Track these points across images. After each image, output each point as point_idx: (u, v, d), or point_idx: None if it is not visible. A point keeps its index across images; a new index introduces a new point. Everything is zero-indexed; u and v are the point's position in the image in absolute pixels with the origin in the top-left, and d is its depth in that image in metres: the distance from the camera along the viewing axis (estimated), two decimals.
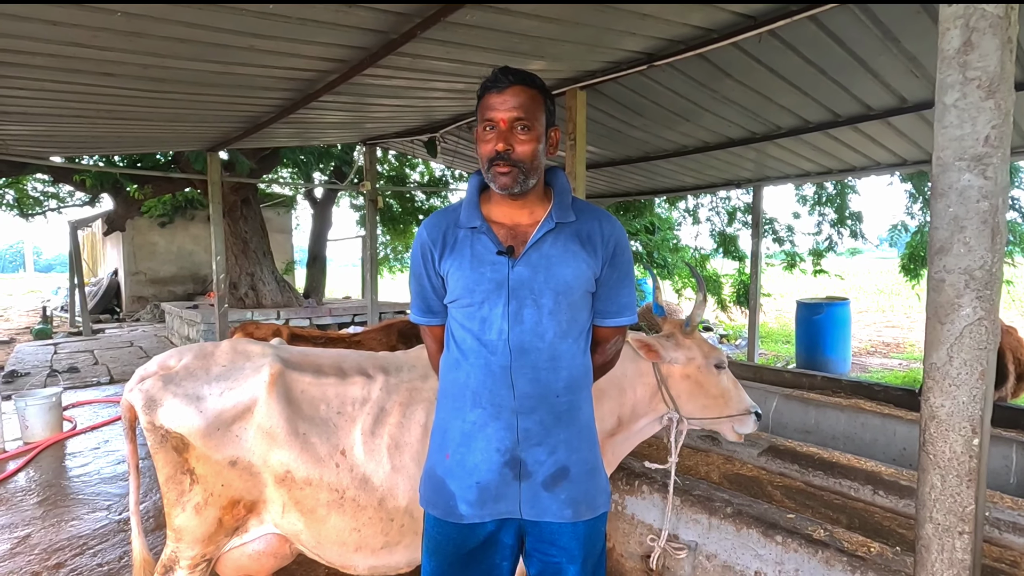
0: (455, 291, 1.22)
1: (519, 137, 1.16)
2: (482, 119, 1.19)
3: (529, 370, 1.19)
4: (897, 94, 3.89)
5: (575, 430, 1.23)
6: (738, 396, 1.92)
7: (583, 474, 1.23)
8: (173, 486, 1.48)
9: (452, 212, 1.28)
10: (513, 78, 1.17)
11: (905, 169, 5.68)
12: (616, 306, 1.30)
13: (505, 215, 1.24)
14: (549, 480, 1.20)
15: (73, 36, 2.37)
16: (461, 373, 1.22)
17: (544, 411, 1.20)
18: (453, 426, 1.23)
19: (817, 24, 3.07)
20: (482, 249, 1.21)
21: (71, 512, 3.08)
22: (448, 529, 1.22)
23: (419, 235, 1.29)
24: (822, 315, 7.11)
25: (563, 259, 1.20)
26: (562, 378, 1.21)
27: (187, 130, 4.63)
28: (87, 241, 16.76)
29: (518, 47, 2.99)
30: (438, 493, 1.23)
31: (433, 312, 1.32)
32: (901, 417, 3.31)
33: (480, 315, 1.19)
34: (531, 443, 1.19)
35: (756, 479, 2.56)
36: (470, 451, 1.20)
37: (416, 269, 1.30)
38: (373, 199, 6.48)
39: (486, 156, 1.18)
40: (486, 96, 1.18)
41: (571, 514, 1.20)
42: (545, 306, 1.19)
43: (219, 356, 1.60)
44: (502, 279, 1.18)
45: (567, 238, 1.22)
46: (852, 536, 1.75)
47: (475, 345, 1.20)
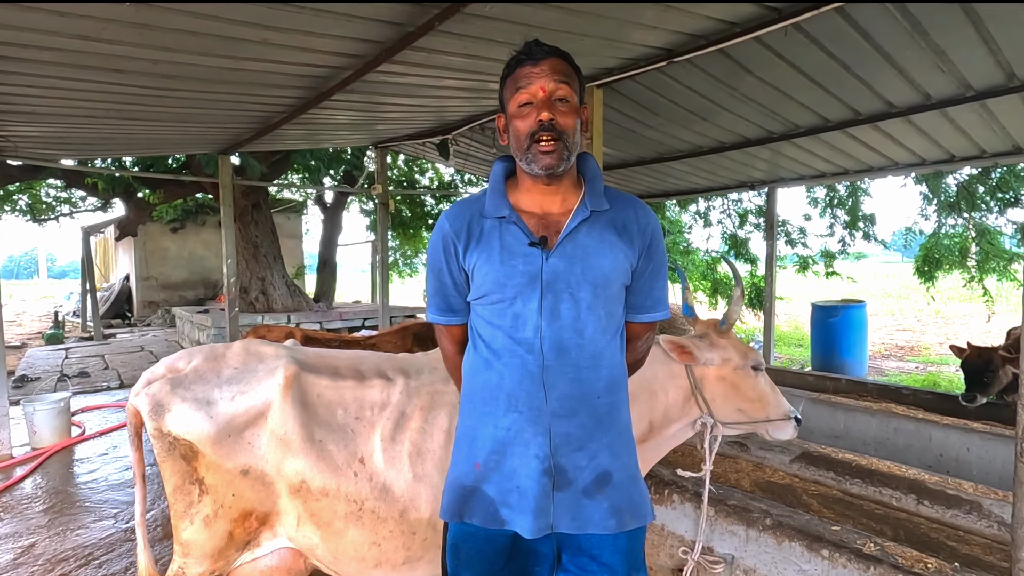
0: (483, 286, 1.13)
1: (560, 108, 1.08)
2: (515, 94, 1.10)
3: (570, 369, 1.09)
4: (922, 90, 3.78)
5: (616, 433, 1.14)
6: (776, 400, 1.81)
7: (626, 480, 1.14)
8: (181, 497, 1.39)
9: (476, 201, 1.19)
10: (548, 48, 1.09)
11: (923, 169, 5.55)
12: (650, 300, 1.21)
13: (535, 203, 1.15)
14: (591, 487, 1.10)
15: (81, 28, 2.31)
16: (493, 374, 1.12)
17: (585, 413, 1.10)
18: (483, 433, 1.13)
19: (844, 16, 2.97)
20: (512, 240, 1.12)
21: (77, 520, 3.01)
22: (478, 540, 1.12)
23: (440, 227, 1.19)
24: (838, 318, 6.97)
25: (600, 250, 1.12)
26: (603, 377, 1.12)
27: (198, 131, 4.60)
28: (99, 247, 16.89)
29: None
30: (473, 501, 1.13)
31: (454, 310, 1.22)
32: (936, 422, 3.17)
33: (512, 311, 1.10)
34: (571, 448, 1.10)
35: (789, 487, 2.44)
36: (506, 458, 1.11)
37: (436, 264, 1.20)
38: (385, 202, 6.43)
39: (526, 132, 1.09)
40: (520, 68, 1.10)
41: (615, 524, 1.10)
42: (583, 300, 1.10)
43: (230, 358, 1.51)
44: (536, 272, 1.09)
45: (603, 227, 1.14)
46: (905, 550, 1.62)
47: (508, 344, 1.10)
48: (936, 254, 7.01)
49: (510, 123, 1.12)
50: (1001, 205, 6.76)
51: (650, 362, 1.79)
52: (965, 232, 7.01)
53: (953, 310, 13.57)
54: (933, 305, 12.28)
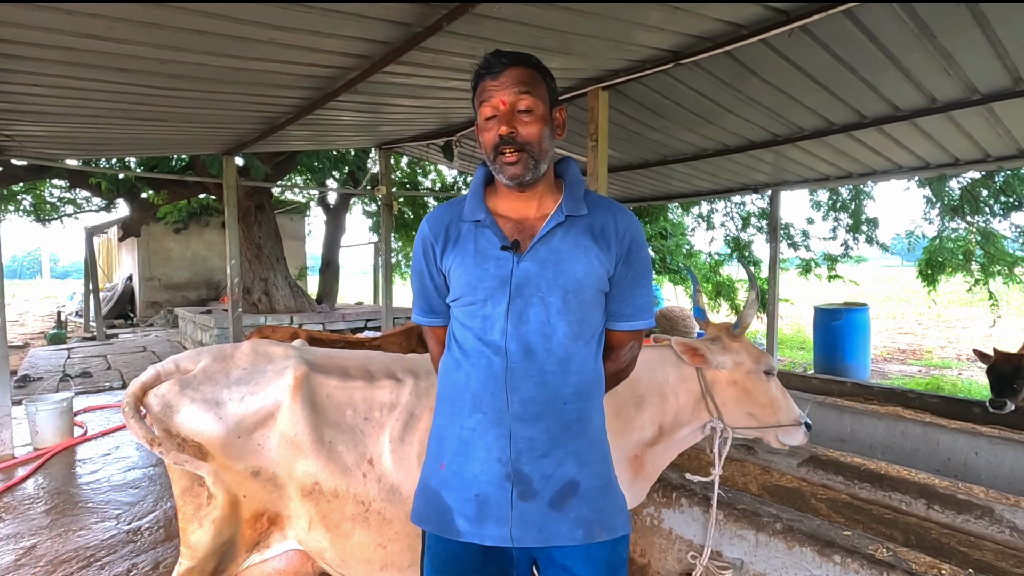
0: (457, 288, 1.14)
1: (522, 119, 1.08)
2: (481, 106, 1.12)
3: (535, 373, 1.08)
4: (927, 94, 3.77)
5: (585, 442, 1.12)
6: (787, 405, 1.80)
7: (595, 490, 1.11)
8: (189, 499, 1.37)
9: (456, 206, 1.20)
10: (507, 59, 1.09)
11: (927, 173, 5.54)
12: (632, 308, 1.19)
13: (512, 208, 1.16)
14: (557, 497, 1.08)
15: (89, 27, 2.31)
16: (461, 375, 1.13)
17: (551, 419, 1.09)
18: (450, 433, 1.13)
19: (851, 19, 2.96)
20: (486, 244, 1.12)
21: (79, 521, 2.99)
22: (450, 545, 1.11)
23: (421, 230, 1.21)
24: (841, 321, 6.96)
25: (573, 254, 1.11)
26: (571, 383, 1.10)
27: (204, 132, 4.60)
28: (103, 247, 16.92)
29: (544, 42, 2.90)
30: (431, 507, 1.13)
31: (435, 312, 1.24)
32: (944, 426, 3.15)
33: (482, 313, 1.11)
34: (536, 454, 1.08)
35: (797, 491, 2.42)
36: (468, 460, 1.09)
37: (417, 266, 1.22)
38: (388, 203, 6.43)
39: (490, 144, 1.10)
40: (481, 83, 1.11)
41: (583, 535, 1.08)
42: (553, 305, 1.09)
43: (239, 358, 1.50)
44: (506, 275, 1.10)
45: (578, 232, 1.13)
46: (918, 556, 1.60)
47: (477, 345, 1.11)
48: (939, 258, 6.99)
49: (479, 134, 1.14)
50: (1005, 209, 6.74)
51: (661, 365, 1.78)
52: (968, 236, 7.00)
53: (954, 313, 13.55)
54: (934, 309, 12.27)
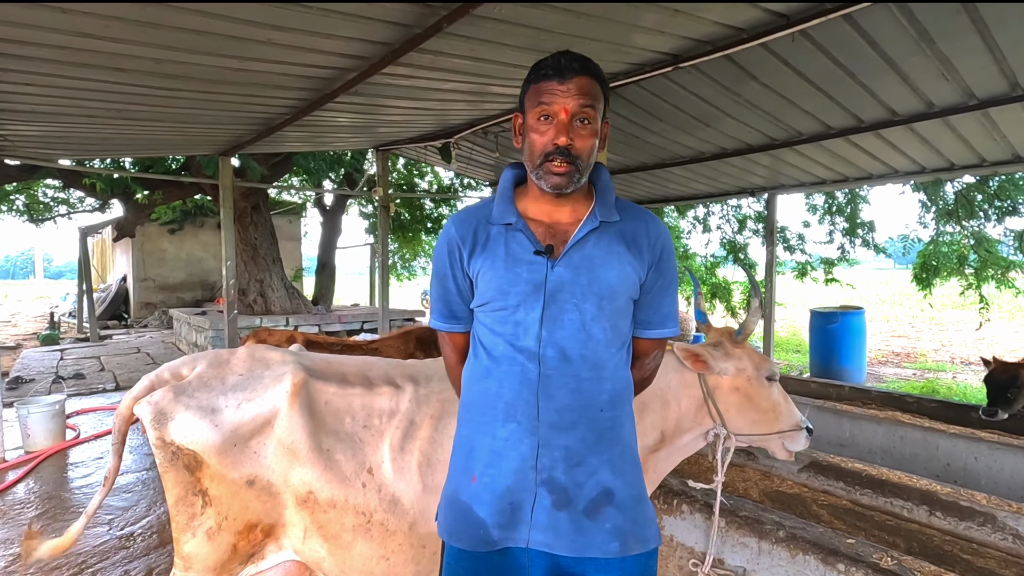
0: (486, 293, 1.10)
1: (579, 131, 1.05)
2: (536, 106, 1.06)
3: (571, 380, 1.06)
4: (925, 98, 3.78)
5: (618, 450, 1.10)
6: (789, 411, 1.78)
7: (629, 500, 1.09)
8: (183, 508, 1.34)
9: (483, 208, 1.16)
10: (578, 65, 1.05)
11: (923, 177, 5.57)
12: (659, 316, 1.18)
13: (544, 212, 1.13)
14: (590, 506, 1.05)
15: (83, 25, 2.28)
16: (492, 383, 1.09)
17: (586, 427, 1.07)
18: (481, 443, 1.10)
19: (851, 23, 2.96)
20: (518, 248, 1.09)
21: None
22: (472, 561, 1.07)
23: (446, 232, 1.17)
24: (837, 324, 6.98)
25: (607, 261, 1.09)
26: (606, 391, 1.08)
27: (200, 132, 4.56)
28: (97, 247, 16.80)
29: (544, 44, 2.88)
30: (463, 522, 1.09)
31: (456, 317, 1.19)
32: (943, 431, 3.15)
33: (514, 319, 1.08)
34: (571, 463, 1.06)
35: (799, 497, 2.41)
36: (501, 472, 1.07)
37: (440, 269, 1.17)
38: (386, 205, 6.40)
39: (540, 149, 1.06)
40: (545, 82, 1.05)
41: (618, 547, 1.05)
42: (588, 311, 1.07)
43: (235, 364, 1.47)
44: (540, 281, 1.07)
45: (611, 239, 1.11)
46: (923, 565, 1.59)
47: (509, 352, 1.08)
48: (934, 262, 7.02)
49: (527, 132, 1.09)
50: (999, 213, 6.78)
51: (663, 371, 1.76)
52: (962, 240, 7.03)
53: (947, 317, 13.64)
54: (928, 312, 12.34)
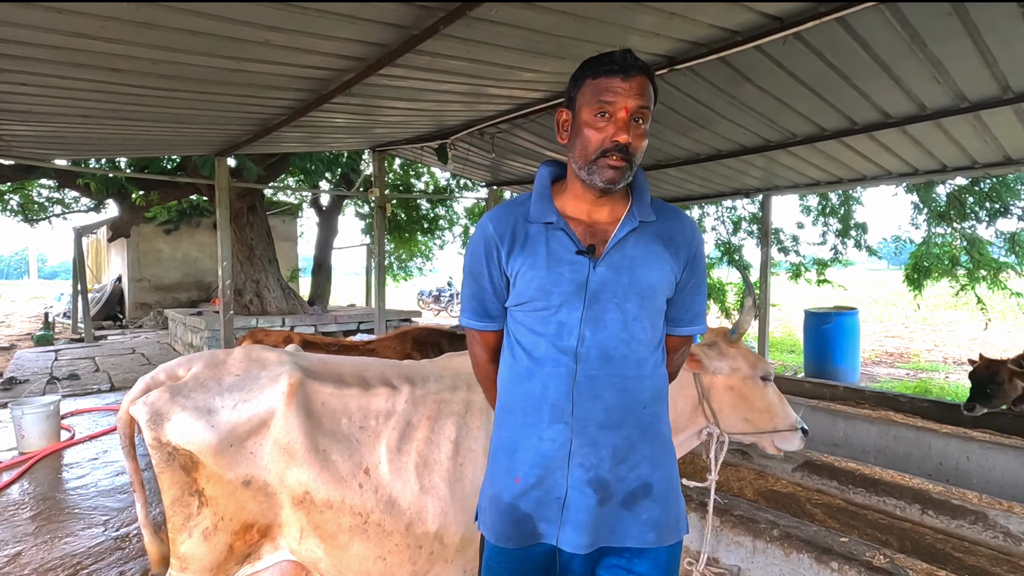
0: (526, 292, 1.10)
1: (635, 130, 1.06)
2: (596, 102, 1.05)
3: (617, 379, 1.08)
4: (917, 101, 3.81)
5: (658, 445, 1.13)
6: (783, 411, 1.80)
7: (666, 492, 1.12)
8: (179, 509, 1.34)
9: (520, 205, 1.16)
10: (640, 65, 1.06)
11: (915, 179, 5.62)
12: (690, 314, 1.20)
13: (583, 211, 1.13)
14: (629, 498, 1.08)
15: (79, 26, 2.27)
16: (535, 384, 1.09)
17: (631, 425, 1.09)
18: (526, 445, 1.10)
19: (844, 26, 2.98)
20: (559, 247, 1.09)
21: (66, 528, 2.94)
22: (514, 561, 1.09)
23: (482, 229, 1.15)
24: (831, 324, 7.03)
25: (647, 261, 1.11)
26: (648, 388, 1.11)
27: (196, 133, 4.55)
28: (91, 247, 16.71)
29: (540, 46, 2.90)
30: (509, 522, 1.10)
31: (490, 316, 1.18)
32: (936, 430, 3.18)
33: (557, 319, 1.08)
34: (616, 460, 1.08)
35: (793, 496, 2.43)
36: (549, 472, 1.08)
37: (475, 267, 1.16)
38: (382, 206, 6.40)
39: (597, 145, 1.05)
40: (607, 78, 1.05)
41: (654, 538, 1.09)
42: (630, 311, 1.09)
43: (232, 364, 1.47)
44: (582, 281, 1.08)
45: (650, 239, 1.12)
46: (916, 563, 1.61)
47: (552, 352, 1.08)
48: (926, 263, 7.08)
49: (580, 128, 1.08)
50: (991, 215, 6.84)
51: None
52: (954, 241, 7.09)
53: (940, 317, 13.72)
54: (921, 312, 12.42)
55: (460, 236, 12.54)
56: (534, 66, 3.27)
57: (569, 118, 1.12)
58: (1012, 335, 9.77)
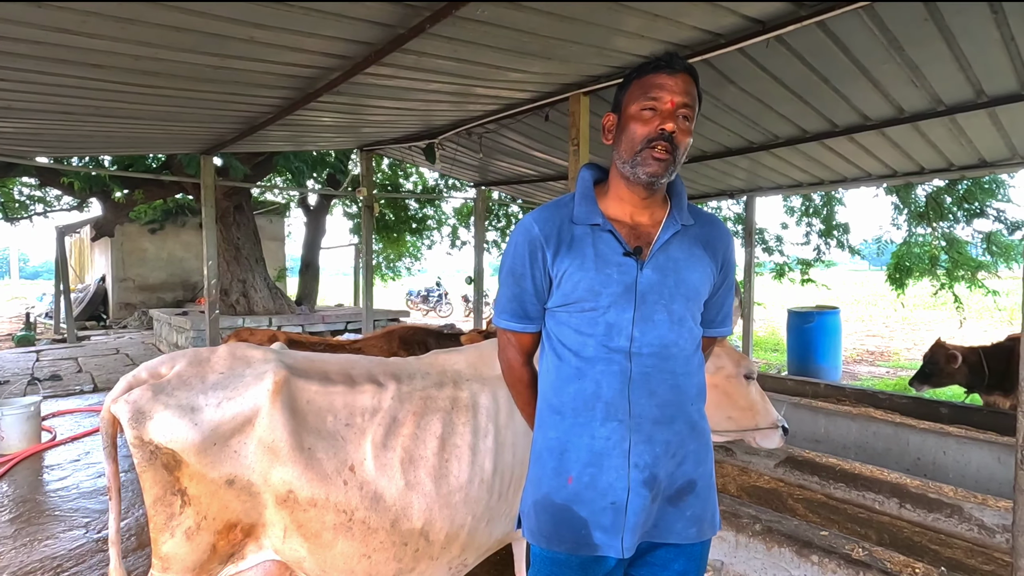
0: (574, 293, 1.11)
1: (681, 126, 1.08)
2: (643, 97, 1.08)
3: (669, 376, 1.10)
4: (895, 104, 3.89)
5: (703, 441, 1.16)
6: (765, 409, 1.84)
7: (707, 488, 1.15)
8: (161, 508, 1.33)
9: (563, 207, 1.16)
10: (685, 64, 1.09)
11: (894, 180, 5.74)
12: (721, 315, 1.25)
13: (626, 213, 1.15)
14: (675, 494, 1.11)
15: (60, 20, 2.23)
16: (588, 383, 1.09)
17: (682, 421, 1.11)
18: (578, 444, 1.10)
19: (825, 30, 3.04)
20: (606, 249, 1.11)
21: (46, 530, 2.89)
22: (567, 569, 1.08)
23: (526, 230, 1.15)
24: (813, 323, 7.14)
25: (689, 264, 1.14)
26: (695, 384, 1.14)
27: (180, 131, 4.49)
28: (74, 247, 16.41)
29: (527, 46, 2.91)
30: (563, 524, 1.08)
31: (530, 317, 1.19)
32: (914, 426, 3.25)
33: (605, 320, 1.09)
34: (668, 456, 1.10)
35: (775, 491, 2.47)
36: (602, 471, 1.08)
37: (518, 268, 1.15)
38: (370, 205, 6.38)
39: (643, 136, 1.07)
40: (654, 75, 1.08)
41: (695, 533, 1.12)
42: (676, 312, 1.11)
43: (216, 362, 1.46)
44: (631, 282, 1.09)
45: (691, 242, 1.16)
46: (893, 555, 1.64)
47: (602, 352, 1.09)
48: (907, 263, 7.22)
49: (626, 124, 1.11)
50: (967, 216, 7.00)
51: None
52: (933, 241, 7.24)
53: (920, 316, 13.98)
54: (901, 312, 12.63)
55: (448, 236, 12.53)
56: (521, 66, 3.28)
57: (614, 120, 1.15)
58: (988, 333, 9.97)
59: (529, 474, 1.18)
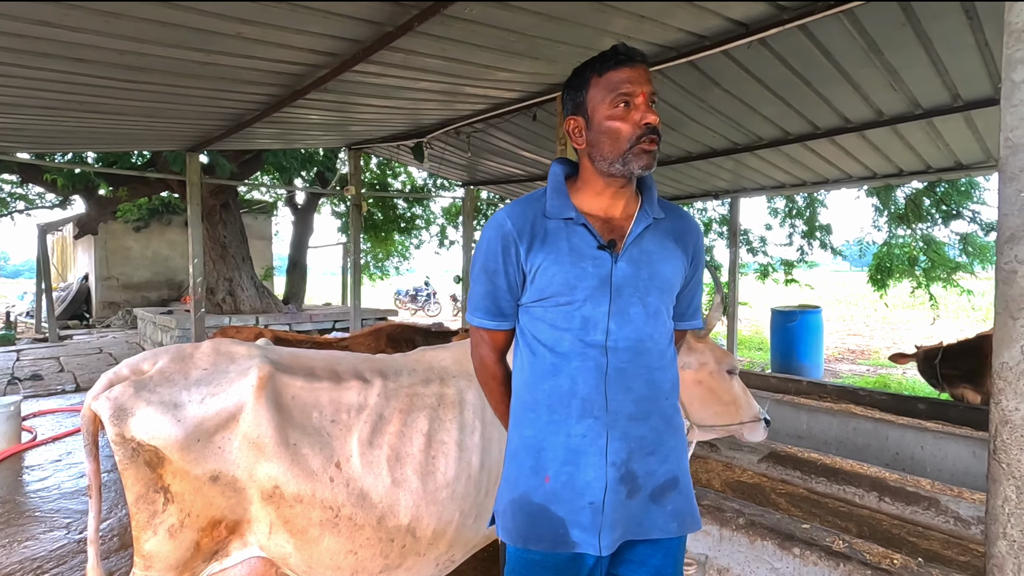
0: (549, 288, 1.09)
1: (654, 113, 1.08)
2: (613, 95, 1.07)
3: (644, 370, 1.09)
4: (875, 107, 3.96)
5: (680, 436, 1.16)
6: (748, 403, 1.86)
7: (688, 485, 1.16)
8: (144, 506, 1.32)
9: (536, 201, 1.15)
10: (642, 55, 1.09)
11: (874, 182, 5.84)
12: (691, 308, 1.26)
13: (599, 207, 1.14)
14: (658, 491, 1.11)
15: (41, 12, 2.20)
16: (563, 379, 1.08)
17: (657, 416, 1.11)
18: (554, 442, 1.08)
19: (806, 34, 3.09)
20: (580, 242, 1.10)
21: (26, 531, 2.84)
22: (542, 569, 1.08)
23: (498, 226, 1.12)
24: (796, 323, 7.25)
25: (662, 256, 1.14)
26: (669, 379, 1.14)
27: (166, 127, 4.44)
28: (57, 245, 16.12)
29: (514, 46, 2.93)
30: (541, 523, 1.08)
31: (504, 314, 1.17)
32: (892, 422, 3.32)
33: (581, 314, 1.08)
34: (644, 452, 1.09)
35: (758, 486, 2.51)
36: (579, 469, 1.07)
37: (490, 264, 1.13)
38: (358, 204, 6.35)
39: (629, 133, 1.06)
40: (617, 70, 1.07)
41: (676, 527, 1.12)
42: (651, 304, 1.11)
43: (199, 358, 1.45)
44: (606, 275, 1.08)
45: (663, 235, 1.16)
46: (872, 547, 1.68)
47: (578, 347, 1.08)
48: (888, 263, 7.36)
49: (602, 125, 1.08)
50: (945, 217, 7.15)
51: None
52: (913, 242, 7.39)
53: (899, 316, 14.23)
54: (881, 311, 12.84)
55: (436, 236, 12.50)
56: (509, 66, 3.29)
57: (581, 123, 1.12)
58: (965, 332, 10.20)
59: (504, 472, 1.17)
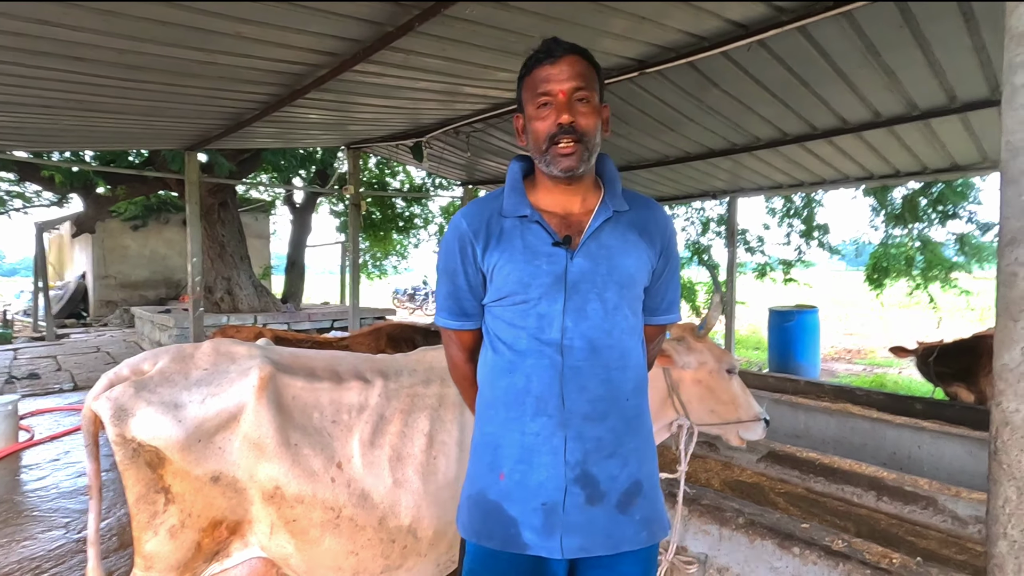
0: (504, 287, 1.09)
1: (580, 109, 1.05)
2: (534, 95, 1.07)
3: (601, 370, 1.06)
4: (872, 108, 3.97)
5: (643, 438, 1.12)
6: (747, 402, 1.87)
7: (653, 488, 1.13)
8: (145, 507, 1.32)
9: (492, 200, 1.14)
10: (566, 47, 1.07)
11: (872, 183, 5.86)
12: (665, 302, 1.21)
13: (555, 203, 1.12)
14: (624, 499, 1.07)
15: (40, 11, 2.19)
16: (519, 377, 1.07)
17: (616, 417, 1.07)
18: (509, 440, 1.08)
19: (805, 35, 3.10)
20: (535, 240, 1.09)
21: (24, 531, 2.84)
22: (502, 564, 1.06)
23: (455, 226, 1.13)
24: (793, 322, 7.27)
25: (624, 250, 1.11)
26: (630, 379, 1.10)
27: (164, 126, 4.43)
28: (54, 244, 16.06)
29: (513, 46, 2.93)
30: (493, 520, 1.07)
31: (467, 315, 1.17)
32: (890, 421, 3.33)
33: (536, 312, 1.07)
34: (603, 454, 1.06)
35: (757, 485, 2.52)
36: (532, 468, 1.05)
37: (449, 265, 1.14)
38: (356, 203, 6.34)
39: (544, 134, 1.06)
40: (538, 69, 1.06)
41: (646, 537, 1.08)
42: (610, 300, 1.08)
43: (200, 358, 1.45)
44: (560, 272, 1.07)
45: (625, 228, 1.12)
46: (871, 546, 1.69)
47: (534, 345, 1.07)
48: (885, 263, 7.38)
49: (529, 124, 1.09)
50: (941, 217, 7.18)
51: None
52: (909, 242, 7.41)
53: (895, 316, 14.27)
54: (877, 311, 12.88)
55: (435, 235, 12.50)
56: (508, 66, 3.30)
57: (522, 121, 1.14)
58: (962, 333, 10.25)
59: (468, 468, 1.17)
